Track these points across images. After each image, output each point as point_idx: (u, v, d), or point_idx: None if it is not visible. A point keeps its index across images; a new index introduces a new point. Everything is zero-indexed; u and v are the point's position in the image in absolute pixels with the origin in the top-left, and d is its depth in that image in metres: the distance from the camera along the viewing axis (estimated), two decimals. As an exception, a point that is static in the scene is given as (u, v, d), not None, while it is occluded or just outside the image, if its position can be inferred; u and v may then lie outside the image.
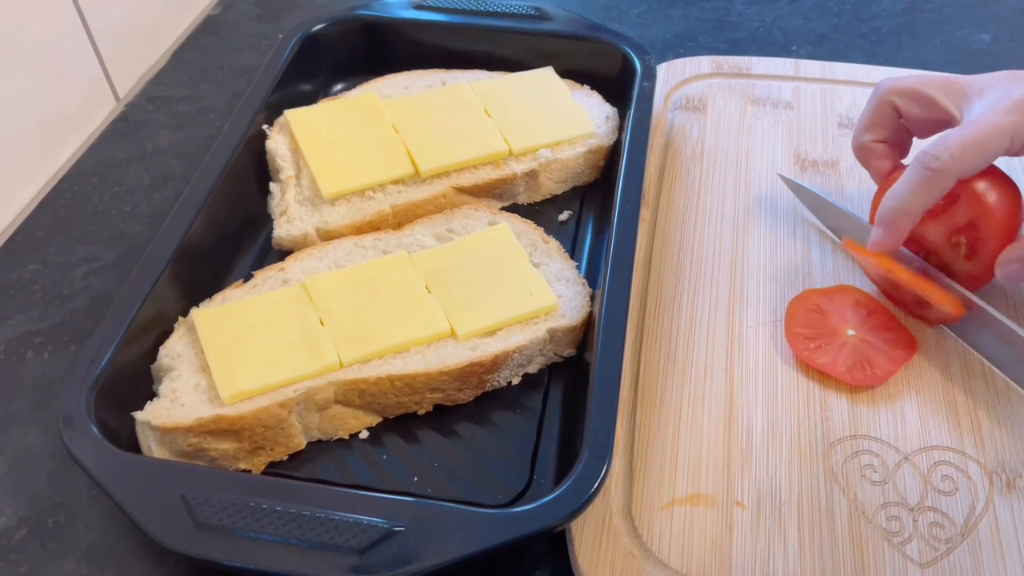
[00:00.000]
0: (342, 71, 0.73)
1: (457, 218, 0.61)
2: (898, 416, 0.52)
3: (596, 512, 0.47)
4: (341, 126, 0.65)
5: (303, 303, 0.53)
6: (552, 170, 0.65)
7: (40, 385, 0.55)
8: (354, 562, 0.41)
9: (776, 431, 0.51)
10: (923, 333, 0.56)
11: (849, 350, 0.54)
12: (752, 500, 0.48)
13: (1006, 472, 0.49)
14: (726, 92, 0.73)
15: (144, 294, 0.51)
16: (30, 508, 0.50)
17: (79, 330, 0.58)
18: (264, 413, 0.48)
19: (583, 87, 0.70)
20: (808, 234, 0.62)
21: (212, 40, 0.83)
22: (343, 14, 0.72)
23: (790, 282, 0.59)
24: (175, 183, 0.69)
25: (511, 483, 0.49)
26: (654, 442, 0.51)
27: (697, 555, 0.46)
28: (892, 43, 0.81)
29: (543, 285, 0.55)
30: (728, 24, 0.84)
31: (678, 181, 0.66)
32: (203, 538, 0.41)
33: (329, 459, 0.51)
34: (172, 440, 0.48)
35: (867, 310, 0.56)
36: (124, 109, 0.75)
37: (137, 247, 0.63)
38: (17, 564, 0.48)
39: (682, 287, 0.59)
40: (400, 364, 0.51)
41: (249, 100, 0.64)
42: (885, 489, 0.49)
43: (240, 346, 0.51)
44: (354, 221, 0.60)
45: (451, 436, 0.52)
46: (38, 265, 0.63)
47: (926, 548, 0.46)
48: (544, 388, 0.54)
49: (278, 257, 0.60)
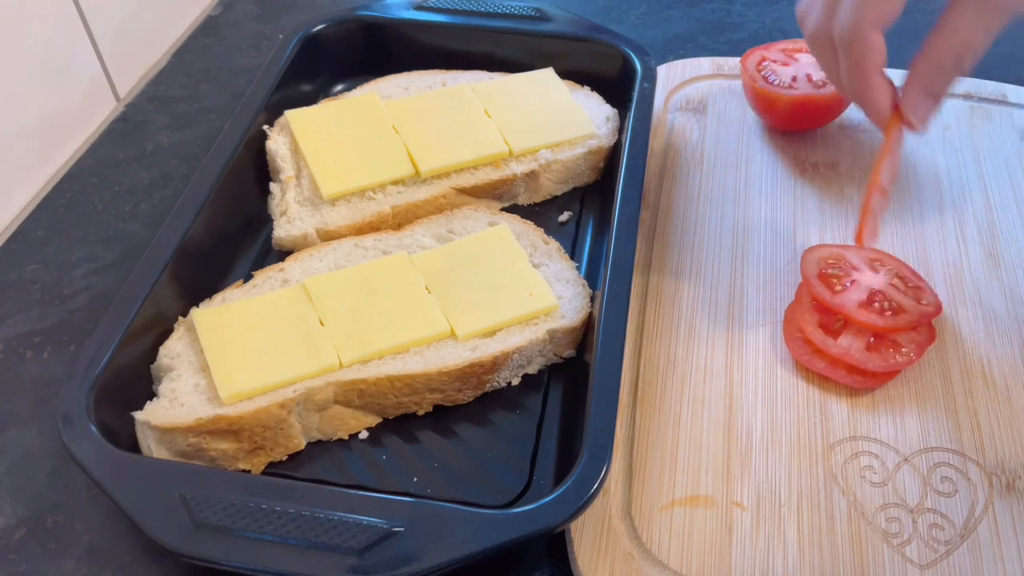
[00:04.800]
0: (342, 71, 0.73)
1: (457, 219, 0.61)
2: (897, 417, 0.52)
3: (595, 513, 0.47)
4: (341, 126, 0.65)
5: (303, 303, 0.53)
6: (552, 171, 0.65)
7: (39, 385, 0.55)
8: (353, 562, 0.41)
9: (775, 432, 0.51)
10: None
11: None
12: (752, 501, 0.48)
13: (1006, 473, 0.49)
14: (726, 93, 0.73)
15: (144, 294, 0.51)
16: (29, 508, 0.50)
17: (79, 330, 0.58)
18: (263, 413, 0.48)
19: (583, 88, 0.70)
20: (808, 237, 0.62)
21: (212, 40, 0.83)
22: (343, 14, 0.72)
23: (790, 285, 0.59)
24: (175, 183, 0.69)
25: (511, 484, 0.49)
26: (654, 443, 0.51)
27: (697, 556, 0.46)
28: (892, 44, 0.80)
29: (543, 286, 0.55)
30: (728, 25, 0.84)
31: (678, 182, 0.66)
32: (202, 538, 0.41)
33: (329, 459, 0.51)
34: (172, 440, 0.48)
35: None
36: (124, 109, 0.75)
37: (137, 247, 0.63)
38: (16, 564, 0.47)
39: (682, 289, 0.59)
40: (400, 364, 0.51)
41: (249, 100, 0.64)
42: (885, 490, 0.49)
43: (240, 346, 0.51)
44: (354, 222, 0.60)
45: (451, 436, 0.52)
46: (38, 265, 0.63)
47: (925, 549, 0.46)
48: (544, 389, 0.54)
49: (278, 257, 0.60)
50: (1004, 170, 0.66)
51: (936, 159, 0.67)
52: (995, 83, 0.73)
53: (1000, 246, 0.61)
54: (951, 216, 0.63)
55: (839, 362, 0.53)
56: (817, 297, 0.54)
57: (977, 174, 0.66)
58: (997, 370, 0.54)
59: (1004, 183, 0.65)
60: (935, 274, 0.59)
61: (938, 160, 0.67)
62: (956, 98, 0.72)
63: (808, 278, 0.55)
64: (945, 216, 0.63)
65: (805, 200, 0.65)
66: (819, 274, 0.55)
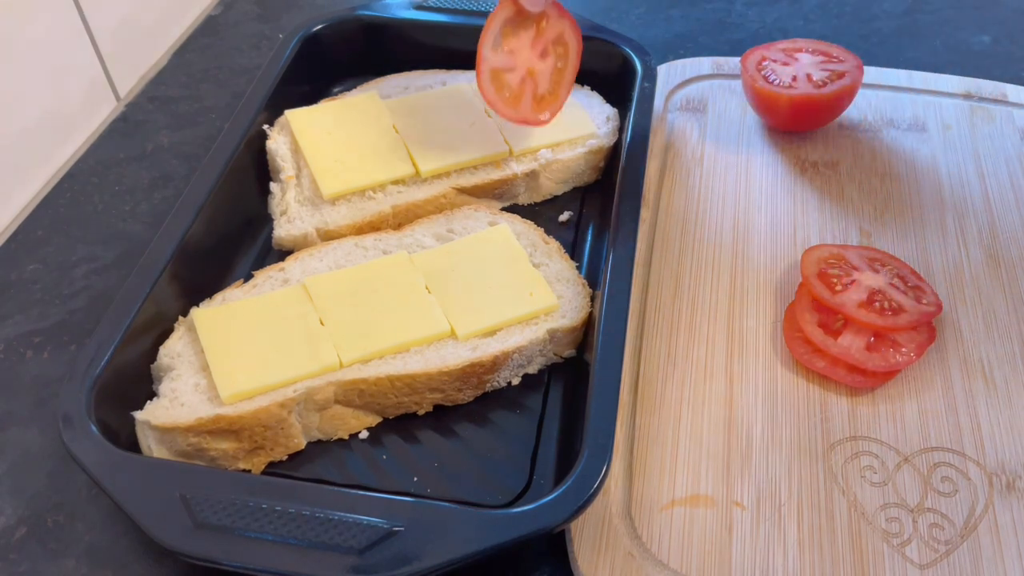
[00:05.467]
0: (342, 71, 0.73)
1: (457, 218, 0.61)
2: (898, 417, 0.52)
3: (596, 513, 0.47)
4: (341, 126, 0.65)
5: (303, 303, 0.53)
6: (552, 170, 0.65)
7: (40, 384, 0.55)
8: (354, 562, 0.41)
9: (776, 432, 0.51)
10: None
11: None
12: (752, 501, 0.48)
13: (1006, 473, 0.49)
14: (726, 93, 0.73)
15: (144, 294, 0.51)
16: (29, 507, 0.50)
17: (79, 330, 0.58)
18: (264, 413, 0.48)
19: (584, 88, 0.70)
20: (808, 237, 0.62)
21: (212, 40, 0.83)
22: (343, 14, 0.72)
23: (790, 285, 0.59)
24: (175, 183, 0.69)
25: (511, 483, 0.49)
26: (654, 443, 0.51)
27: (697, 556, 0.46)
28: (892, 44, 0.81)
29: (543, 285, 0.55)
30: (729, 25, 0.84)
31: (678, 182, 0.66)
32: (203, 538, 0.41)
33: (329, 459, 0.51)
34: (172, 440, 0.48)
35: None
36: (124, 109, 0.75)
37: (137, 247, 0.63)
38: (16, 563, 0.48)
39: (682, 288, 0.59)
40: (400, 364, 0.51)
41: (249, 100, 0.64)
42: (885, 490, 0.49)
43: (240, 346, 0.51)
44: (354, 221, 0.60)
45: (451, 436, 0.52)
46: (38, 265, 0.63)
47: (925, 549, 0.46)
48: (544, 389, 0.54)
49: (278, 257, 0.60)
50: (1004, 170, 0.66)
51: (936, 159, 0.67)
52: (995, 83, 0.73)
53: (1000, 246, 0.61)
54: (951, 216, 0.63)
55: (839, 362, 0.53)
56: (817, 297, 0.54)
57: (977, 174, 0.66)
58: (997, 370, 0.54)
59: (1004, 183, 0.65)
60: (935, 274, 0.59)
61: (938, 160, 0.67)
62: (956, 98, 0.72)
63: (808, 278, 0.55)
64: (945, 216, 0.63)
65: (805, 200, 0.65)
66: (819, 274, 0.55)
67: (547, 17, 0.63)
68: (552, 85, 0.64)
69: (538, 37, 0.63)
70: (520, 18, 0.62)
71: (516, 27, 0.63)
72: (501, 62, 0.62)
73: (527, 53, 0.63)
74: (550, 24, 0.63)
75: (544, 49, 0.63)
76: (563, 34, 0.63)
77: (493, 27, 0.62)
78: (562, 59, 0.64)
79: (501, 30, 0.62)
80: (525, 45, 0.63)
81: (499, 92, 0.62)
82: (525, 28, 0.63)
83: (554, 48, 0.64)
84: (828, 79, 0.66)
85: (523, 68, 0.63)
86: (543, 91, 0.63)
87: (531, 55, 0.63)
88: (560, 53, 0.64)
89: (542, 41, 0.63)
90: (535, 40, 0.63)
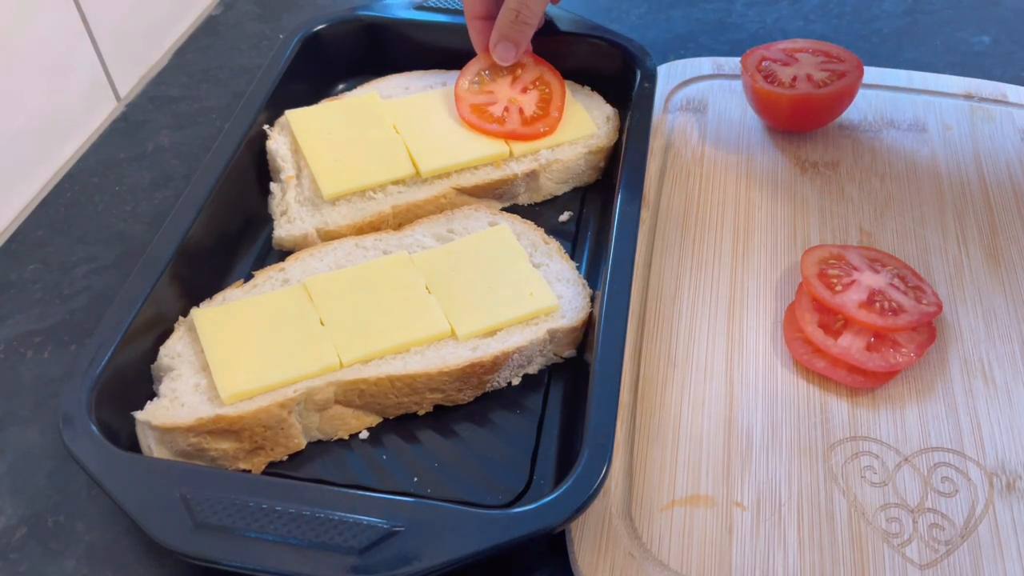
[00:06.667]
0: (343, 71, 0.73)
1: (457, 219, 0.61)
2: (898, 417, 0.52)
3: (596, 513, 0.47)
4: (342, 126, 0.65)
5: (303, 303, 0.53)
6: (552, 171, 0.65)
7: (40, 384, 0.55)
8: (354, 562, 0.41)
9: (776, 432, 0.51)
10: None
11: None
12: (752, 501, 0.48)
13: (1006, 474, 0.49)
14: (727, 93, 0.73)
15: (144, 294, 0.51)
16: (30, 507, 0.50)
17: (79, 330, 0.58)
18: (264, 413, 0.48)
19: (584, 88, 0.70)
20: (808, 237, 0.62)
21: (213, 40, 0.83)
22: (344, 14, 0.72)
23: (790, 285, 0.59)
24: (175, 183, 0.69)
25: (511, 483, 0.49)
26: (654, 443, 0.51)
27: (697, 556, 0.46)
28: (893, 45, 0.81)
29: (543, 286, 0.55)
30: (729, 25, 0.84)
31: (678, 182, 0.66)
32: (203, 538, 0.41)
33: (329, 459, 0.51)
34: (172, 440, 0.48)
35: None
36: (125, 109, 0.75)
37: (137, 247, 0.63)
38: (17, 563, 0.48)
39: (682, 289, 0.59)
40: (400, 364, 0.51)
41: (249, 100, 0.64)
42: (885, 490, 0.49)
43: (240, 346, 0.51)
44: (354, 221, 0.60)
45: (451, 436, 0.52)
46: (38, 265, 0.63)
47: (926, 549, 0.46)
48: (544, 389, 0.54)
49: (278, 257, 0.60)
50: (1004, 170, 0.66)
51: (936, 159, 0.67)
52: (995, 83, 0.73)
53: (1000, 246, 0.61)
54: (951, 216, 0.63)
55: (839, 362, 0.53)
56: (817, 297, 0.54)
57: (977, 174, 0.66)
58: (997, 370, 0.54)
59: (1004, 183, 0.65)
60: (935, 274, 0.59)
61: (938, 160, 0.67)
62: (956, 98, 0.72)
63: (808, 278, 0.55)
64: (945, 216, 0.63)
65: (805, 200, 0.65)
66: (819, 274, 0.56)
67: (523, 66, 0.67)
68: (539, 109, 0.65)
69: (516, 81, 0.66)
70: (496, 67, 0.66)
71: (494, 74, 0.66)
72: (480, 100, 0.64)
73: (507, 91, 0.65)
74: (527, 70, 0.67)
75: (524, 88, 0.66)
76: (543, 76, 0.66)
77: (468, 73, 0.65)
78: (546, 90, 0.66)
79: (478, 77, 0.65)
80: (503, 87, 0.65)
81: (481, 118, 0.64)
82: (502, 75, 0.66)
83: (536, 86, 0.66)
84: (828, 79, 0.66)
85: (504, 101, 0.65)
86: (530, 114, 0.64)
87: (511, 92, 0.65)
88: (543, 90, 0.66)
89: (521, 83, 0.66)
90: (513, 83, 0.65)
